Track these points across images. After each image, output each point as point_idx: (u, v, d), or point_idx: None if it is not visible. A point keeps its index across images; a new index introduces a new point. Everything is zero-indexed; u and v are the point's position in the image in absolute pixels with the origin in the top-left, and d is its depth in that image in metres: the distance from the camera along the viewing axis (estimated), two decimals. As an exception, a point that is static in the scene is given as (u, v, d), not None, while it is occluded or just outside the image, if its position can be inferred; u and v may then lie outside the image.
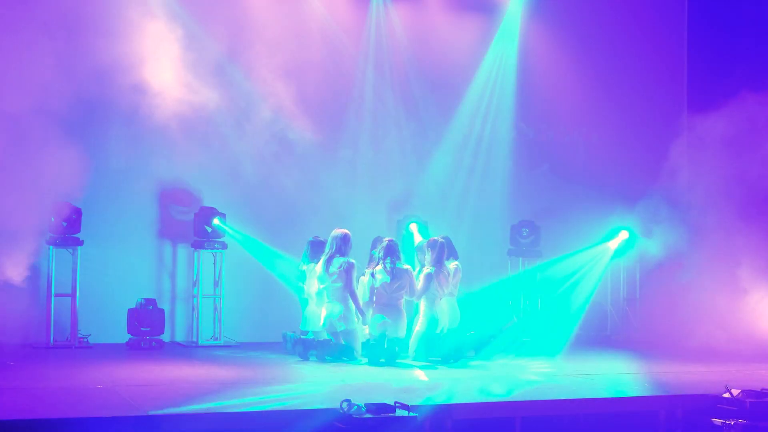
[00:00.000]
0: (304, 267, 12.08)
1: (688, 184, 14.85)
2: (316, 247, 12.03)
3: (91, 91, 12.20)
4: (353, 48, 14.61)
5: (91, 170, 12.09)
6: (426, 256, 11.82)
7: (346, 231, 11.64)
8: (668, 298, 14.27)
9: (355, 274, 11.49)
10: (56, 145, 11.61)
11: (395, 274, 11.32)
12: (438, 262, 11.69)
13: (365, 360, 11.30)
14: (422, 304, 11.66)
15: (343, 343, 11.45)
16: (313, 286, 11.83)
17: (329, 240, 11.60)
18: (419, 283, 11.62)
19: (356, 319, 11.50)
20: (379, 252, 11.51)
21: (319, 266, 11.57)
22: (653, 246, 14.16)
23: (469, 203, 15.28)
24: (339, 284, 11.39)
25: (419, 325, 11.62)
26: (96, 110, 12.67)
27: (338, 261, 11.40)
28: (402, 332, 11.36)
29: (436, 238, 11.93)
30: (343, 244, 11.49)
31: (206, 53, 13.39)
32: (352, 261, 11.47)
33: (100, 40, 12.05)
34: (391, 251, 11.42)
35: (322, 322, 11.55)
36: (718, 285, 13.82)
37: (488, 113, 15.45)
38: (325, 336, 11.58)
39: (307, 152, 14.28)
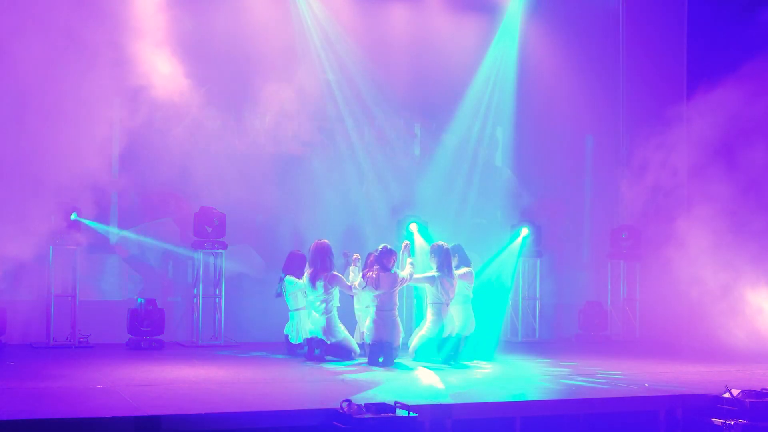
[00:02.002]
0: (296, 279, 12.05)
1: (687, 179, 14.86)
2: (293, 260, 12.03)
3: (93, 93, 12.21)
4: (354, 49, 14.61)
5: (90, 170, 12.11)
6: (432, 262, 11.74)
7: (323, 243, 11.51)
8: (668, 297, 14.28)
9: (343, 282, 11.43)
10: (56, 146, 11.62)
11: (386, 282, 11.26)
12: (442, 268, 11.57)
13: (364, 360, 11.31)
14: (429, 311, 11.61)
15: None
16: (295, 298, 11.87)
17: (310, 255, 11.53)
18: (419, 275, 11.54)
19: (341, 328, 11.50)
20: (372, 260, 11.38)
21: (304, 279, 11.58)
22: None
23: (469, 203, 15.29)
24: (322, 297, 11.38)
25: (424, 330, 11.57)
26: (96, 112, 12.67)
27: (322, 276, 11.35)
28: (397, 341, 11.32)
29: (441, 243, 11.78)
30: (321, 258, 11.39)
31: (211, 59, 13.49)
32: (334, 273, 11.41)
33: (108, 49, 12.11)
34: (383, 260, 11.28)
35: (307, 334, 11.58)
36: (718, 283, 13.81)
37: (488, 113, 15.47)
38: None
39: (309, 154, 14.31)
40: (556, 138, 15.75)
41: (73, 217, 12.29)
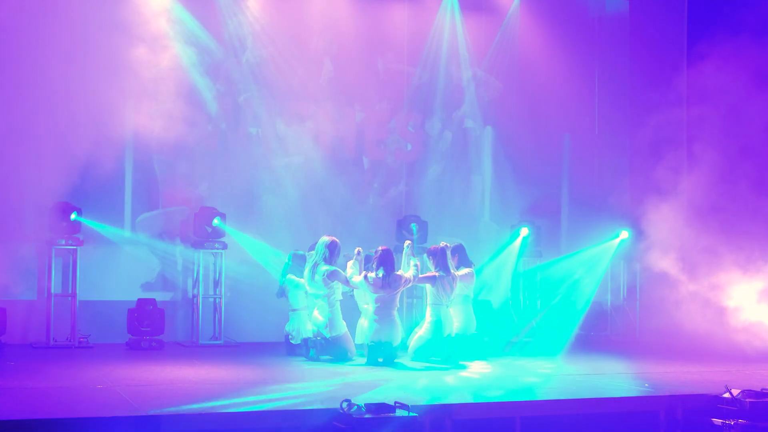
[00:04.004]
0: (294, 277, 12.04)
1: (688, 178, 14.86)
2: (294, 260, 12.03)
3: (94, 92, 12.21)
4: (353, 49, 14.61)
5: (90, 170, 12.12)
6: (429, 264, 11.69)
7: (333, 239, 11.53)
8: (668, 297, 14.26)
9: (342, 276, 11.38)
10: (56, 145, 11.62)
11: (389, 284, 11.26)
12: (440, 268, 11.55)
13: (363, 360, 11.30)
14: (428, 310, 11.60)
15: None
16: (297, 298, 11.87)
17: (317, 247, 11.55)
18: (422, 275, 11.52)
19: (343, 323, 11.49)
20: (373, 261, 11.35)
21: (306, 273, 11.57)
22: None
23: (468, 203, 15.28)
24: (323, 292, 11.36)
25: (423, 330, 11.56)
26: (95, 112, 12.69)
27: (322, 270, 11.35)
28: (397, 341, 11.31)
29: (436, 245, 11.74)
30: (328, 252, 11.40)
31: (219, 61, 13.55)
32: (335, 268, 11.38)
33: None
34: (384, 261, 11.25)
35: (309, 328, 11.56)
36: (718, 283, 13.79)
37: (487, 112, 15.45)
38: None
39: (308, 154, 14.32)
40: (556, 137, 15.74)
41: (73, 217, 12.28)
